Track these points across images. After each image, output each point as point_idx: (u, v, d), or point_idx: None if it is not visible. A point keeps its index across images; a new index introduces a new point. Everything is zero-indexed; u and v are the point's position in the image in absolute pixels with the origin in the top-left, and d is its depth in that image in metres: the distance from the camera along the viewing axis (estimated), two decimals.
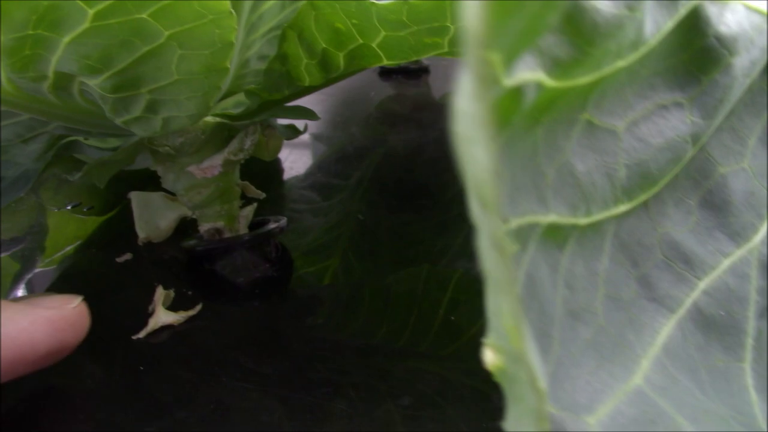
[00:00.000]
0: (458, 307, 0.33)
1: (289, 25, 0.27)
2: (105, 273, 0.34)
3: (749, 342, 0.17)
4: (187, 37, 0.22)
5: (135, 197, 0.36)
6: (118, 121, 0.27)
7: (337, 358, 0.28)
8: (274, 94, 0.31)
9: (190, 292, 0.32)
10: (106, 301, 0.32)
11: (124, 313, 0.31)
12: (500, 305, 0.09)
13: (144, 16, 0.21)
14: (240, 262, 0.33)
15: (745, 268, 0.18)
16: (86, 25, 0.21)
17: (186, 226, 0.37)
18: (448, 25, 0.24)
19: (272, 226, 0.33)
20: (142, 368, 0.28)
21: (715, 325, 0.17)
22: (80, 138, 0.32)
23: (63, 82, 0.26)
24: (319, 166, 0.49)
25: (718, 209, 0.19)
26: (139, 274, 0.34)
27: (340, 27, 0.27)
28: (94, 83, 0.25)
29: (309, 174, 0.48)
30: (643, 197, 0.16)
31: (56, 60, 0.24)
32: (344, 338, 0.30)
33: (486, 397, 0.26)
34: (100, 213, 0.41)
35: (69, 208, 0.41)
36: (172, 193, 0.35)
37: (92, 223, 0.40)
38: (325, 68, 0.30)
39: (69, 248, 0.39)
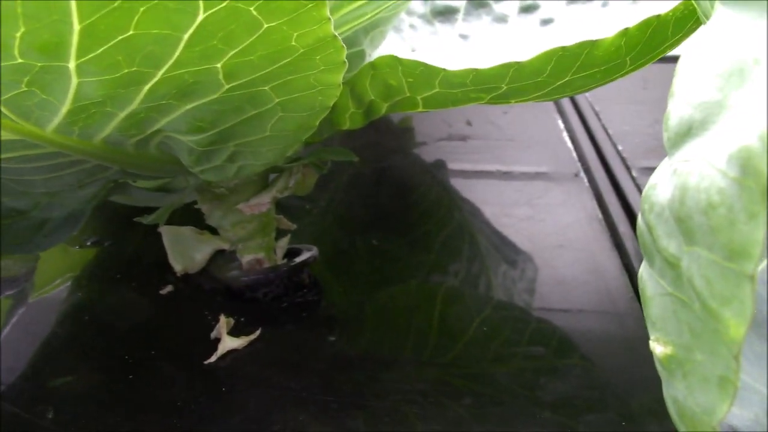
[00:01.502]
0: (448, 319, 0.38)
1: (345, 82, 0.31)
2: (152, 304, 0.36)
3: None
4: (292, 103, 0.26)
5: (166, 232, 0.38)
6: (196, 169, 0.30)
7: (354, 372, 0.32)
8: (316, 137, 0.34)
9: (242, 319, 0.35)
10: (164, 331, 0.35)
11: (185, 341, 0.34)
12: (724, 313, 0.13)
13: (266, 88, 0.25)
14: (281, 289, 0.36)
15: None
16: (216, 95, 0.24)
17: (215, 255, 0.39)
18: (503, 86, 0.28)
19: (307, 255, 0.37)
20: (224, 389, 0.31)
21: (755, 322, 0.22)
22: (130, 180, 0.35)
23: (151, 137, 0.29)
24: None
25: None
26: (184, 304, 0.37)
27: (393, 83, 0.31)
28: (189, 139, 0.28)
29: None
30: None
31: (166, 122, 0.26)
32: (359, 352, 0.34)
33: (482, 399, 0.31)
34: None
35: (89, 244, 0.42)
36: (200, 227, 0.38)
37: (81, 255, 0.42)
38: (367, 116, 0.34)
39: (58, 281, 0.41)
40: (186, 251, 0.38)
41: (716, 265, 0.13)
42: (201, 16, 0.20)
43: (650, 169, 0.50)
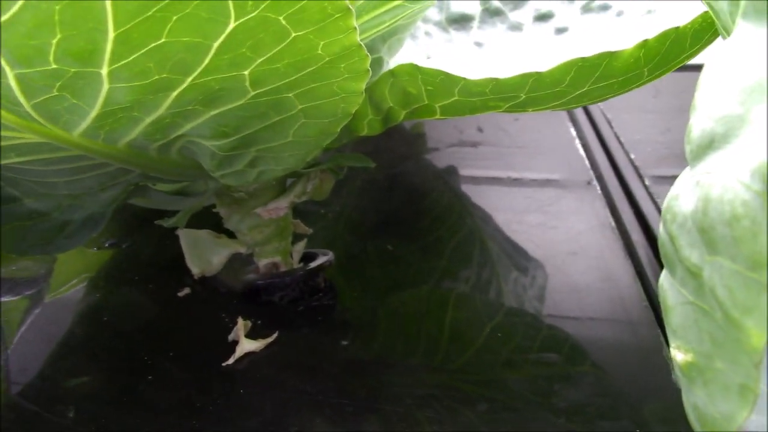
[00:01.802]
0: (459, 325, 0.38)
1: (365, 89, 0.32)
2: (170, 306, 0.37)
3: None
4: (315, 110, 0.26)
5: (184, 235, 0.38)
6: (217, 173, 0.31)
7: (368, 376, 0.33)
8: (333, 143, 0.35)
9: (259, 322, 0.35)
10: (182, 333, 0.35)
11: (202, 343, 0.34)
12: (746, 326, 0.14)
13: (291, 95, 0.25)
14: (297, 293, 0.37)
15: None
16: (241, 102, 0.25)
17: (231, 258, 0.40)
18: (522, 95, 0.29)
19: (323, 260, 0.37)
20: (241, 391, 0.31)
21: None
22: (150, 183, 0.35)
23: (174, 141, 0.29)
24: None
25: None
26: (201, 306, 0.37)
27: (412, 91, 0.31)
28: (213, 144, 0.28)
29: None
30: None
31: (190, 126, 0.27)
32: (373, 357, 0.34)
33: (495, 405, 0.31)
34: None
35: (107, 245, 0.43)
36: (217, 231, 0.39)
37: (98, 256, 0.43)
38: (385, 122, 0.34)
39: (75, 281, 0.42)
40: (203, 254, 0.38)
41: (739, 275, 0.13)
42: (231, 25, 0.20)
43: (662, 178, 0.50)
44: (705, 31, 0.27)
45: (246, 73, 0.23)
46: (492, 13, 0.48)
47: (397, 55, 0.40)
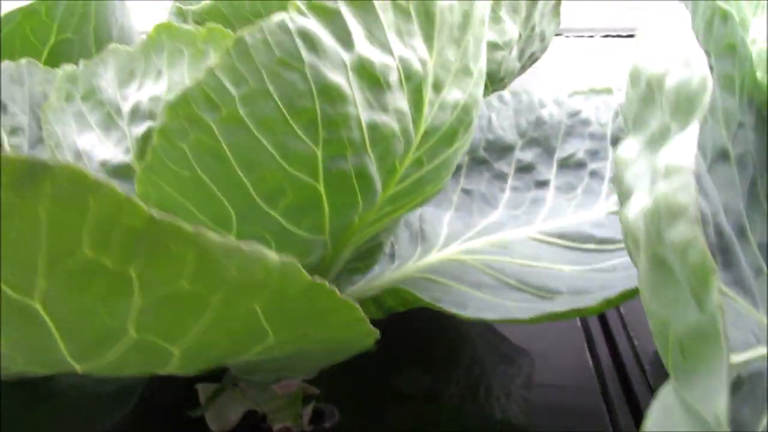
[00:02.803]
0: None
1: (371, 297, 0.37)
2: None
3: None
4: (331, 351, 0.31)
5: (203, 390, 0.43)
6: (242, 377, 0.35)
7: None
8: None
9: None
10: None
11: None
12: None
13: (309, 347, 0.30)
14: None
15: None
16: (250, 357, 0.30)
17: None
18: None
19: (330, 422, 0.42)
20: None
21: None
22: None
23: None
24: None
25: None
26: None
27: (410, 299, 0.36)
28: (236, 368, 0.33)
29: None
30: None
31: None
32: None
33: None
34: None
35: None
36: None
37: None
38: (386, 313, 0.39)
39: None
40: (222, 411, 0.42)
41: None
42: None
43: None
44: None
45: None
46: (478, 162, 0.53)
47: None
